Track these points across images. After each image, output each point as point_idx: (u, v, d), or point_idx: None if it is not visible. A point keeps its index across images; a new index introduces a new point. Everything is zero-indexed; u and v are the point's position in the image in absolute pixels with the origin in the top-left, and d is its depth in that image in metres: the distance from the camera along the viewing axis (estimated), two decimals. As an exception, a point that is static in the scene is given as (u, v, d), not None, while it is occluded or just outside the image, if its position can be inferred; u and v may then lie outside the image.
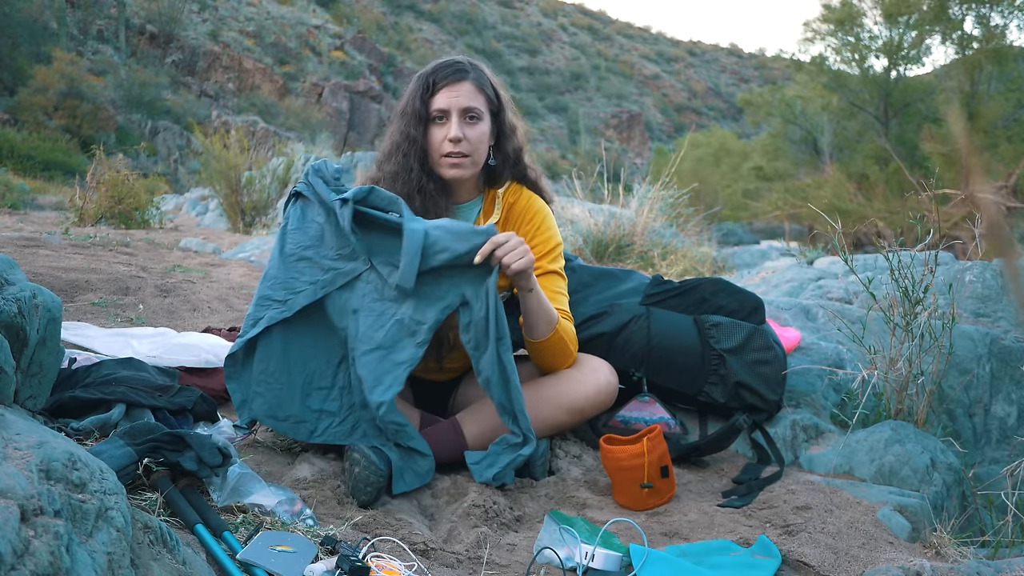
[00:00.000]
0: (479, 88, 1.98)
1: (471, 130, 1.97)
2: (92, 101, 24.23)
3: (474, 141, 1.97)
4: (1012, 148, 16.86)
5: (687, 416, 2.27)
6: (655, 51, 74.84)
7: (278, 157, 10.24)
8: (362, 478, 1.64)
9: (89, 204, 7.30)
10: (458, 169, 1.98)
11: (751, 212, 22.63)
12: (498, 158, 2.06)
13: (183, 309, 3.19)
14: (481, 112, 1.98)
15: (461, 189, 2.08)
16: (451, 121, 1.95)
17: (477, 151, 1.99)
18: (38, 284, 1.33)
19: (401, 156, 1.98)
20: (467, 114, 1.96)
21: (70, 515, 0.91)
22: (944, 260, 3.41)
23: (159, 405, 1.80)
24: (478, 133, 1.98)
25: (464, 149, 1.96)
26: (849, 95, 21.74)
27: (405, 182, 1.97)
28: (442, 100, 1.95)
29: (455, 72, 1.97)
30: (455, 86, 1.96)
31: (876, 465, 2.03)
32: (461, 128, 1.95)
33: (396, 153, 2.00)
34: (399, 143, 1.99)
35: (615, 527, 1.68)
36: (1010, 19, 19.00)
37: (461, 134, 1.94)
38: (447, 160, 1.97)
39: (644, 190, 6.15)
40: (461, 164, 1.98)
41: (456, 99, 1.95)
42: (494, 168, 2.07)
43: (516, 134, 2.08)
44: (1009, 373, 2.51)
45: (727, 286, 2.34)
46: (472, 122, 1.97)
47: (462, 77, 1.97)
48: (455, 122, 1.95)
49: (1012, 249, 0.83)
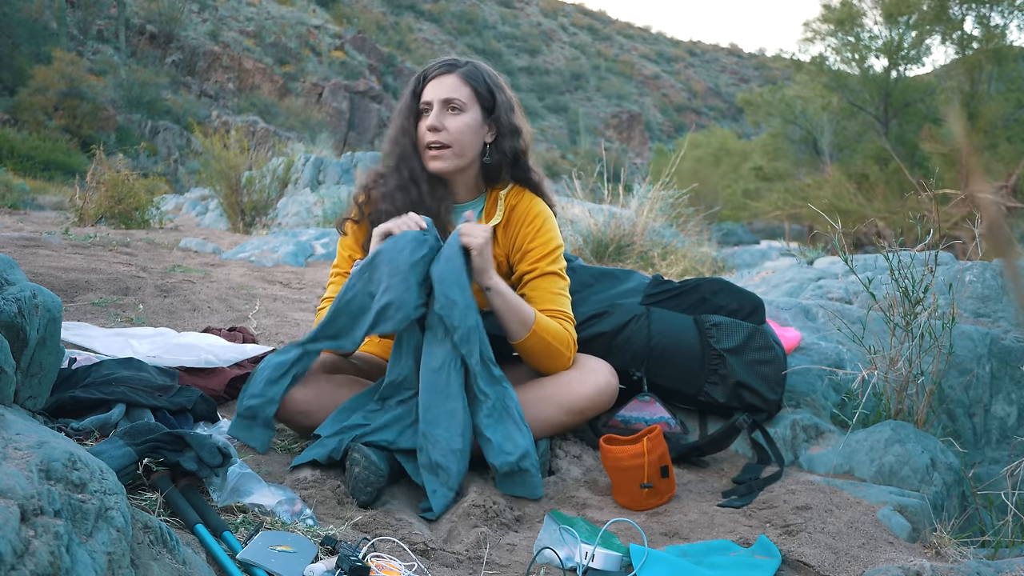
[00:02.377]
0: (465, 81, 2.00)
1: (451, 120, 1.98)
2: (92, 101, 24.23)
3: (454, 131, 1.97)
4: (1012, 148, 16.86)
5: (687, 416, 2.27)
6: (655, 51, 74.82)
7: (278, 157, 10.22)
8: (362, 478, 1.64)
9: (89, 204, 7.30)
10: (439, 161, 1.99)
11: (751, 212, 22.63)
12: (494, 156, 2.06)
13: (183, 309, 3.19)
14: (463, 103, 1.98)
15: (459, 187, 2.08)
16: (432, 111, 1.99)
17: (458, 142, 1.99)
18: (38, 284, 1.33)
19: (399, 149, 2.03)
20: (448, 105, 1.98)
21: (70, 515, 0.91)
22: (944, 260, 3.41)
23: (159, 405, 1.80)
24: (459, 124, 1.98)
25: (443, 139, 1.97)
26: (849, 95, 21.73)
27: (402, 174, 2.02)
28: (428, 92, 2.00)
29: (443, 66, 2.01)
30: (441, 78, 2.00)
31: (876, 465, 2.03)
32: (440, 118, 1.97)
33: (395, 147, 2.04)
34: (397, 137, 2.04)
35: (615, 527, 1.68)
36: (1010, 19, 19.01)
37: (439, 123, 1.96)
38: (429, 152, 2.00)
39: (644, 190, 6.15)
40: (441, 156, 1.99)
41: (439, 90, 1.98)
42: (491, 166, 2.07)
43: (519, 137, 2.08)
44: (1009, 373, 2.51)
45: (727, 286, 2.34)
46: (454, 113, 1.98)
47: (450, 70, 2.00)
48: (435, 112, 1.98)
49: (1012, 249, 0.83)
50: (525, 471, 1.78)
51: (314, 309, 3.68)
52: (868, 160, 20.46)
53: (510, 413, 1.79)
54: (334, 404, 1.88)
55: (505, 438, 1.76)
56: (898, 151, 19.61)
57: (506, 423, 1.78)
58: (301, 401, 1.87)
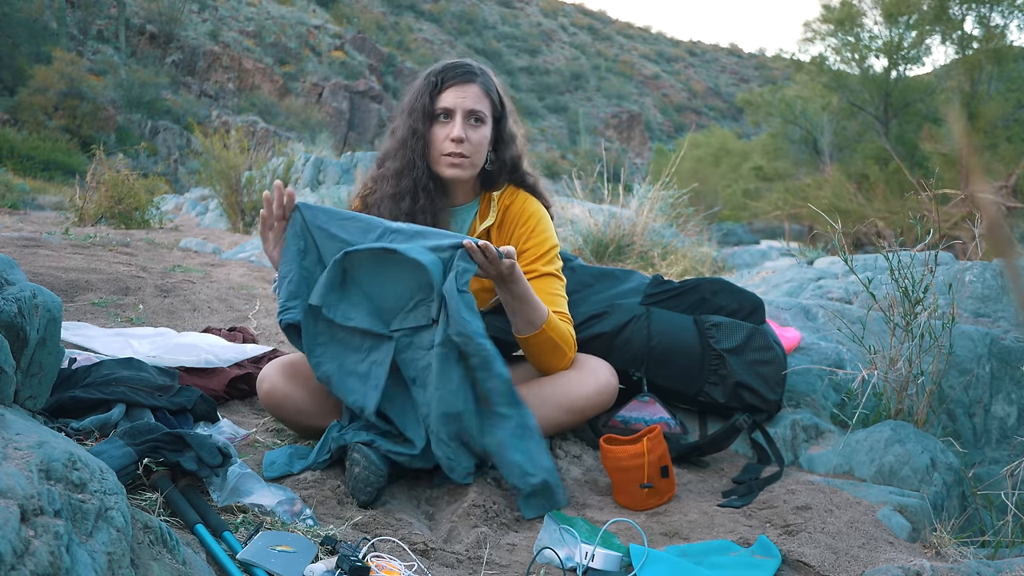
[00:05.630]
0: (486, 92, 1.99)
1: (474, 132, 1.97)
2: (92, 101, 24.24)
3: (475, 143, 1.98)
4: (1012, 148, 16.85)
5: (687, 416, 2.27)
6: (655, 51, 74.82)
7: (278, 157, 10.23)
8: (362, 478, 1.64)
9: (89, 204, 7.31)
10: (457, 169, 1.98)
11: (751, 212, 22.62)
12: (495, 164, 2.06)
13: (183, 309, 3.19)
14: (485, 116, 1.99)
15: (458, 191, 2.08)
16: (455, 120, 1.96)
17: (477, 153, 2.00)
18: (38, 284, 1.33)
19: (408, 152, 1.99)
20: (472, 116, 1.97)
21: (70, 515, 0.91)
22: (944, 260, 3.41)
23: (159, 405, 1.80)
24: (480, 136, 1.98)
25: (465, 150, 1.97)
26: (849, 95, 21.73)
27: (409, 178, 1.98)
28: (448, 99, 1.96)
29: (464, 73, 1.98)
30: (463, 87, 1.97)
31: (876, 465, 2.03)
32: (464, 129, 1.95)
33: (403, 149, 2.00)
34: (406, 139, 1.99)
35: (615, 527, 1.68)
36: (1010, 19, 19.01)
37: (464, 135, 1.95)
38: (447, 159, 1.98)
39: (644, 190, 6.14)
40: (461, 164, 1.98)
41: (463, 99, 1.96)
42: (490, 173, 2.08)
43: (516, 142, 2.09)
44: (1009, 373, 2.51)
45: (727, 286, 2.34)
46: (476, 125, 1.98)
47: (471, 79, 1.98)
48: (459, 122, 1.95)
49: (1012, 249, 0.83)
50: (547, 487, 1.74)
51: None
52: (868, 160, 20.46)
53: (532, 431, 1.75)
54: (334, 404, 1.88)
55: (527, 459, 1.72)
56: (898, 151, 19.60)
57: (528, 441, 1.74)
58: (301, 401, 1.87)
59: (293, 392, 1.86)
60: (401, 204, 1.98)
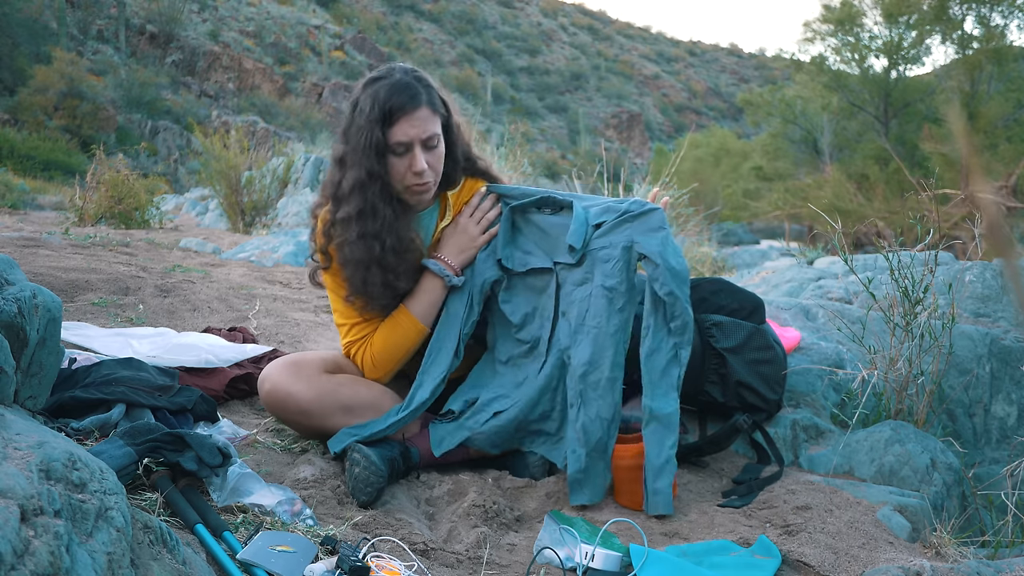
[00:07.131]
0: (433, 110, 1.91)
1: (432, 156, 1.92)
2: (92, 101, 24.25)
3: (436, 166, 1.94)
4: (1012, 148, 16.84)
5: (687, 416, 2.27)
6: (655, 51, 74.82)
7: (278, 157, 10.24)
8: (362, 478, 1.64)
9: (89, 204, 7.31)
10: (426, 194, 1.95)
11: (751, 212, 22.62)
12: (448, 164, 2.01)
13: (183, 309, 3.20)
14: (438, 135, 1.92)
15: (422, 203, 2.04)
16: (415, 152, 1.88)
17: (438, 172, 1.96)
18: (38, 284, 1.33)
19: (369, 196, 1.89)
20: (427, 143, 1.90)
21: (70, 515, 0.91)
22: (944, 260, 3.41)
23: (159, 405, 1.80)
24: (438, 155, 1.94)
25: (428, 177, 1.92)
26: (849, 95, 21.73)
27: (372, 219, 1.90)
28: (402, 132, 1.86)
29: (410, 99, 1.86)
30: (412, 114, 1.86)
31: (876, 465, 2.03)
32: (424, 157, 1.89)
33: (361, 191, 1.89)
34: (363, 182, 1.88)
35: (615, 527, 1.68)
36: (1010, 19, 19.01)
37: (424, 165, 1.89)
38: (413, 189, 1.92)
39: (644, 190, 6.14)
40: (427, 189, 1.94)
41: (417, 130, 1.87)
42: (448, 174, 2.03)
43: (462, 133, 2.04)
44: (1009, 373, 2.51)
45: (727, 286, 2.34)
46: (433, 147, 1.92)
47: (418, 103, 1.87)
48: (418, 155, 1.88)
49: (1012, 249, 0.83)
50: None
51: (314, 309, 3.68)
52: (868, 160, 20.46)
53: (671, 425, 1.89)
54: (334, 404, 1.88)
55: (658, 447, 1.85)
56: (898, 151, 19.60)
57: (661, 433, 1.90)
58: (302, 401, 1.86)
59: (295, 392, 1.86)
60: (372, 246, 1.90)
